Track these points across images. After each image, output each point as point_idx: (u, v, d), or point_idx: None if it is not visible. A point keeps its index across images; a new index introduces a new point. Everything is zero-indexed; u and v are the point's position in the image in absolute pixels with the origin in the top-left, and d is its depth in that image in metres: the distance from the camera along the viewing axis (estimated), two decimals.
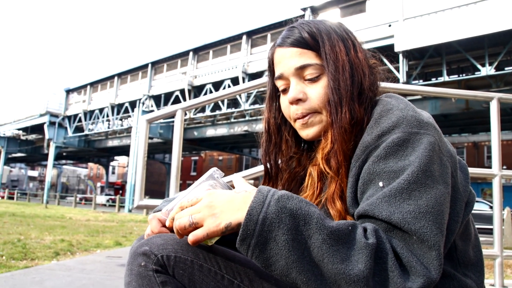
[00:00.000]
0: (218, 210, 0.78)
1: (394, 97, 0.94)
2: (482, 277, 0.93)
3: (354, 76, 0.96)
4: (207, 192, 0.82)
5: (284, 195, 0.76)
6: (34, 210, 19.66)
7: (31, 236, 7.82)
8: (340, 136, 0.91)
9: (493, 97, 2.59)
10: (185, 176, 50.43)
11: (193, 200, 0.82)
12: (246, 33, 24.41)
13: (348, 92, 0.94)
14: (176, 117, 2.39)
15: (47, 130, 37.84)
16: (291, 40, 0.99)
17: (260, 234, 0.73)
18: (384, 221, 0.77)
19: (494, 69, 16.25)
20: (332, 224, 0.74)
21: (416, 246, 0.74)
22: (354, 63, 0.97)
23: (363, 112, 0.93)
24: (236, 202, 0.78)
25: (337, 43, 0.98)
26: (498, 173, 2.51)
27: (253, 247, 0.73)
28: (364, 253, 0.71)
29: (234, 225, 0.76)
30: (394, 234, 0.77)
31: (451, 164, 0.87)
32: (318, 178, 0.98)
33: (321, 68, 0.97)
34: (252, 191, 0.79)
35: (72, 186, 71.57)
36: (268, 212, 0.74)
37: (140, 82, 31.62)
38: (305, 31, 0.99)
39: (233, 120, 26.90)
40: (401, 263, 0.73)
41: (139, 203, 2.34)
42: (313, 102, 0.98)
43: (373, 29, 17.66)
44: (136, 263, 0.83)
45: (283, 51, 1.01)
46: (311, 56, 0.98)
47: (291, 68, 0.99)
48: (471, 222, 0.97)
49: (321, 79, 0.98)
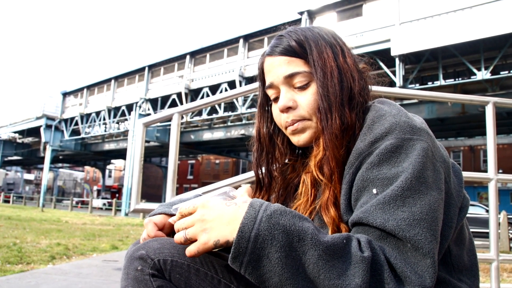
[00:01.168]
0: (209, 226, 0.77)
1: (386, 103, 0.94)
2: (477, 281, 0.93)
3: (343, 82, 0.96)
4: (201, 202, 0.81)
5: (277, 210, 0.75)
6: (30, 214, 19.57)
7: (27, 240, 7.79)
8: (331, 142, 0.91)
9: (489, 101, 2.60)
10: (182, 179, 50.36)
11: (190, 208, 0.82)
12: (243, 37, 24.48)
13: (338, 98, 0.94)
14: (173, 121, 2.39)
15: (44, 133, 37.76)
16: (280, 49, 1.00)
17: (252, 251, 0.72)
18: (378, 228, 0.77)
19: (490, 73, 16.33)
20: (327, 239, 0.73)
21: (410, 254, 0.74)
22: (342, 69, 0.97)
23: (355, 117, 0.93)
24: (225, 217, 0.77)
25: (324, 49, 0.98)
26: (494, 177, 2.52)
27: (246, 265, 0.72)
28: (360, 267, 0.70)
29: (223, 242, 0.76)
30: (387, 242, 0.76)
31: (444, 169, 0.87)
32: (312, 185, 0.98)
33: (309, 76, 0.98)
34: (243, 205, 0.77)
35: (69, 190, 71.36)
36: (260, 229, 0.72)
37: (137, 85, 31.63)
38: (293, 39, 0.99)
39: (230, 124, 26.92)
40: (396, 274, 0.73)
41: (135, 206, 2.34)
42: (303, 110, 0.98)
43: (369, 33, 17.73)
44: (133, 267, 0.82)
45: (272, 60, 1.01)
46: (299, 64, 0.98)
47: (280, 77, 0.99)
48: (466, 226, 0.97)
49: (310, 86, 0.98)
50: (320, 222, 0.92)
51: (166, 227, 0.99)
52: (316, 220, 0.93)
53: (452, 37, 15.41)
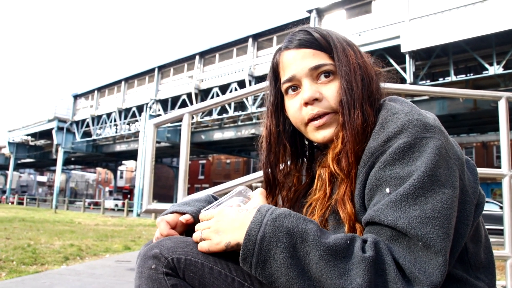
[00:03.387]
0: (222, 229, 0.85)
1: (398, 100, 0.94)
2: (494, 279, 0.93)
3: (364, 79, 0.96)
4: (219, 210, 0.90)
5: (282, 213, 0.79)
6: (43, 215, 19.80)
7: (41, 241, 7.87)
8: (352, 137, 0.90)
9: (502, 96, 2.57)
10: (193, 179, 50.51)
11: (209, 214, 0.90)
12: (252, 36, 24.46)
13: (360, 93, 0.94)
14: (183, 121, 2.40)
15: (55, 135, 38.11)
16: (303, 42, 0.99)
17: (259, 253, 0.77)
18: (389, 226, 0.77)
19: (502, 68, 16.12)
20: (329, 240, 0.75)
21: (422, 253, 0.74)
22: (362, 67, 0.98)
23: (373, 114, 0.93)
24: (236, 222, 0.84)
25: (346, 46, 0.99)
26: (507, 173, 2.48)
27: (255, 266, 0.77)
28: (361, 267, 0.72)
29: (234, 244, 0.83)
30: (398, 243, 0.76)
31: (459, 166, 0.86)
32: (329, 180, 0.97)
33: (333, 69, 0.98)
34: (252, 211, 0.83)
35: (81, 191, 71.99)
36: (265, 231, 0.77)
37: (147, 86, 31.77)
38: (317, 33, 0.99)
39: (240, 123, 26.91)
40: (404, 274, 0.73)
41: (147, 207, 2.35)
42: (329, 102, 0.97)
43: (379, 30, 17.62)
44: (147, 266, 0.83)
45: (294, 53, 1.00)
46: (324, 57, 0.98)
47: (304, 69, 0.98)
48: (482, 223, 0.95)
49: (334, 80, 0.98)
50: (335, 221, 0.92)
51: (179, 225, 0.99)
52: (331, 219, 0.93)
53: (463, 32, 15.23)
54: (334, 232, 0.90)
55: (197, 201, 1.07)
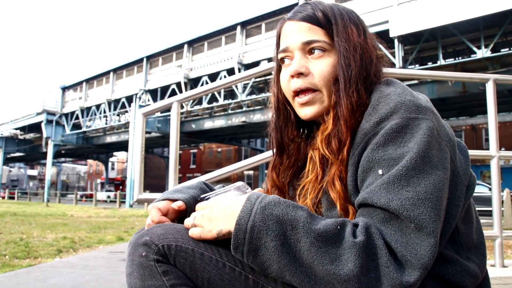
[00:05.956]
0: (214, 217, 0.85)
1: (392, 82, 0.94)
2: (484, 259, 0.94)
3: (363, 60, 0.96)
4: (213, 199, 0.90)
5: (271, 201, 0.80)
6: (35, 209, 19.68)
7: (33, 234, 7.83)
8: (347, 112, 0.90)
9: (489, 78, 2.59)
10: (184, 169, 50.49)
11: (202, 205, 0.90)
12: (241, 24, 24.30)
13: (357, 72, 0.94)
14: (172, 110, 2.39)
15: (45, 128, 37.77)
16: (303, 15, 0.99)
17: (250, 242, 0.77)
18: (382, 208, 0.77)
19: (490, 51, 16.19)
20: (319, 226, 0.76)
21: (413, 235, 0.75)
22: (363, 47, 0.97)
23: (367, 96, 0.93)
24: (228, 211, 0.84)
25: (349, 24, 0.98)
26: (496, 154, 2.51)
27: (247, 254, 0.78)
28: (352, 252, 0.72)
29: (225, 232, 0.83)
30: (390, 225, 0.77)
31: (450, 148, 0.86)
32: (320, 162, 0.97)
33: (328, 47, 0.97)
34: (242, 199, 0.84)
35: (72, 184, 71.68)
36: (255, 220, 0.78)
37: (136, 76, 31.53)
38: (319, 9, 0.99)
39: (230, 112, 26.87)
40: (396, 258, 0.74)
41: (138, 196, 2.35)
42: (315, 78, 0.97)
43: (367, 14, 17.58)
44: (137, 253, 0.83)
45: (293, 25, 1.00)
46: (320, 33, 0.97)
47: (297, 42, 0.98)
48: (472, 205, 0.96)
49: (326, 58, 0.97)
50: (328, 203, 0.92)
51: (170, 212, 0.99)
52: (324, 201, 0.93)
53: (451, 16, 15.26)
54: (327, 214, 0.91)
55: (189, 188, 1.08)
